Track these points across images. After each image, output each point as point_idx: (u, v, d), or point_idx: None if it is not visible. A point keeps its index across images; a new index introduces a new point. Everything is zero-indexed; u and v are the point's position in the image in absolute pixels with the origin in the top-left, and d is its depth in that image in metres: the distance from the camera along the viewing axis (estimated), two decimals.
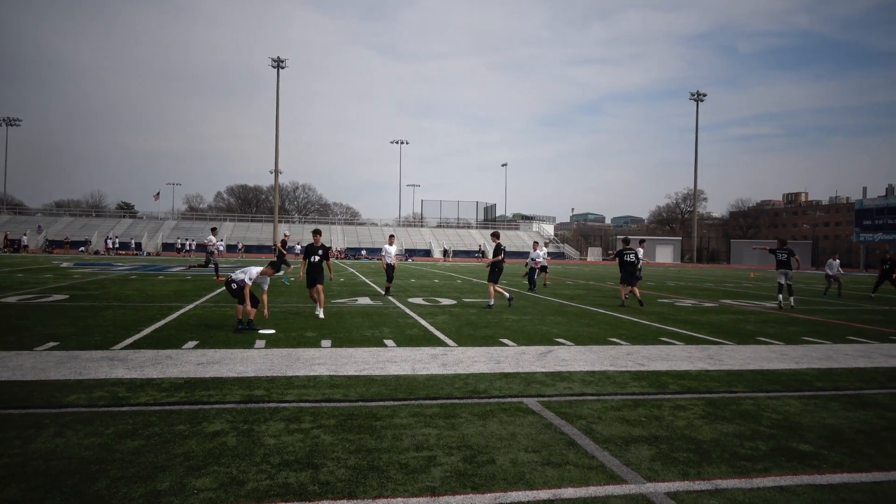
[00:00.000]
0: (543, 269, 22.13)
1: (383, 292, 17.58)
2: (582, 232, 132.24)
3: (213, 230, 24.48)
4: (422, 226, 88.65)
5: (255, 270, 10.14)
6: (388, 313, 12.85)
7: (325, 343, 8.84)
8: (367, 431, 4.81)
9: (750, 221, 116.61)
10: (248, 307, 9.79)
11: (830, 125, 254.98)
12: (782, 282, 16.61)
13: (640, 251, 18.25)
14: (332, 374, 6.82)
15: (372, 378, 6.66)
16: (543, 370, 7.29)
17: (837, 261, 22.59)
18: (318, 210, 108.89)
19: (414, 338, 9.58)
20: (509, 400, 5.87)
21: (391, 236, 18.55)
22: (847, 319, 13.91)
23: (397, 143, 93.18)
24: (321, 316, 11.57)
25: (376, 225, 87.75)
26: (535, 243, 23.29)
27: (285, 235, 23.91)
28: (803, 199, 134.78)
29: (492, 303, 14.44)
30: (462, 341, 9.31)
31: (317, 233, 12.66)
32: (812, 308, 16.62)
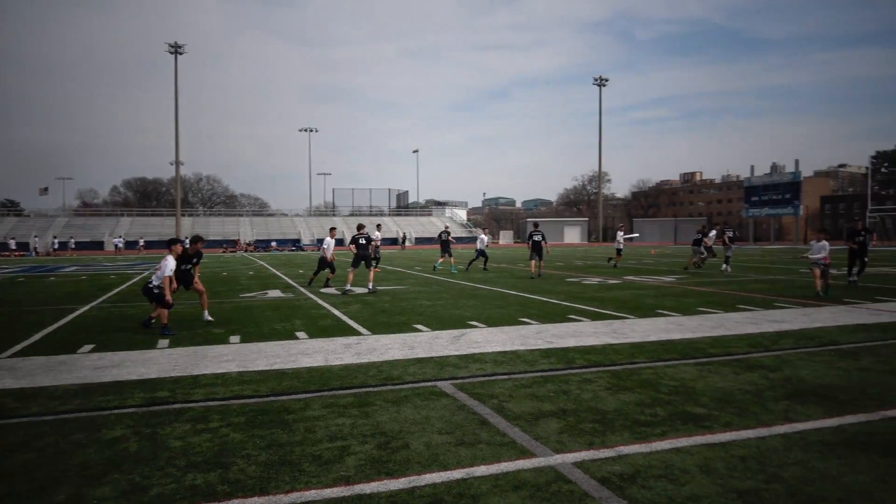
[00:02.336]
0: (482, 253, 23.38)
1: (313, 284, 17.30)
2: (494, 216, 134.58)
3: (378, 227, 27.62)
4: (333, 214, 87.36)
5: (167, 264, 9.40)
6: (299, 305, 12.63)
7: (234, 339, 8.59)
8: (279, 426, 4.73)
9: (650, 201, 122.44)
10: (165, 306, 9.12)
11: (720, 108, 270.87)
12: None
13: (621, 234, 24.75)
14: (241, 370, 6.65)
15: (283, 372, 6.55)
16: (457, 353, 7.40)
17: (713, 233, 24.13)
18: (224, 202, 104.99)
19: (327, 328, 9.48)
20: (423, 384, 5.94)
21: (332, 228, 17.97)
22: (737, 290, 14.92)
23: (306, 131, 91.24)
24: (207, 318, 10.39)
25: (286, 216, 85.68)
26: (485, 230, 25.83)
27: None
28: (698, 178, 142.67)
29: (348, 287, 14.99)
30: (376, 329, 9.30)
31: (197, 240, 10.78)
32: (707, 280, 17.71)
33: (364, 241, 15.41)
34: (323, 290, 15.66)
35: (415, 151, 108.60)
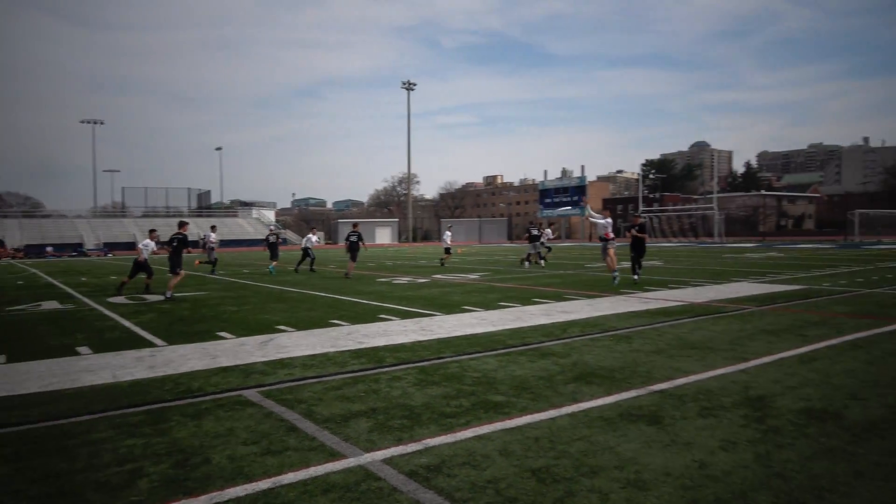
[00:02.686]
0: (308, 253, 23.30)
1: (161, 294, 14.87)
2: (304, 217, 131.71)
3: (213, 227, 26.46)
4: (124, 216, 79.52)
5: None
6: (82, 317, 11.34)
7: None
8: (57, 454, 4.21)
9: (457, 202, 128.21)
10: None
11: (517, 116, 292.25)
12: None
13: (549, 231, 26.73)
14: (6, 394, 5.81)
15: (62, 393, 5.83)
16: (264, 359, 7.14)
17: (548, 230, 27.54)
18: None
19: (115, 341, 8.62)
20: (227, 395, 5.64)
21: (152, 231, 17.12)
22: (533, 284, 16.17)
23: (89, 122, 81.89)
24: None
25: (66, 217, 76.21)
26: (313, 229, 25.02)
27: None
28: (500, 181, 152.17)
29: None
30: (173, 339, 8.65)
31: None
32: (508, 277, 18.95)
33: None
34: (111, 300, 14.21)
35: (217, 149, 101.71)
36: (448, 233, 26.26)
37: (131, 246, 65.92)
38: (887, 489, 3.41)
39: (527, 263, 23.90)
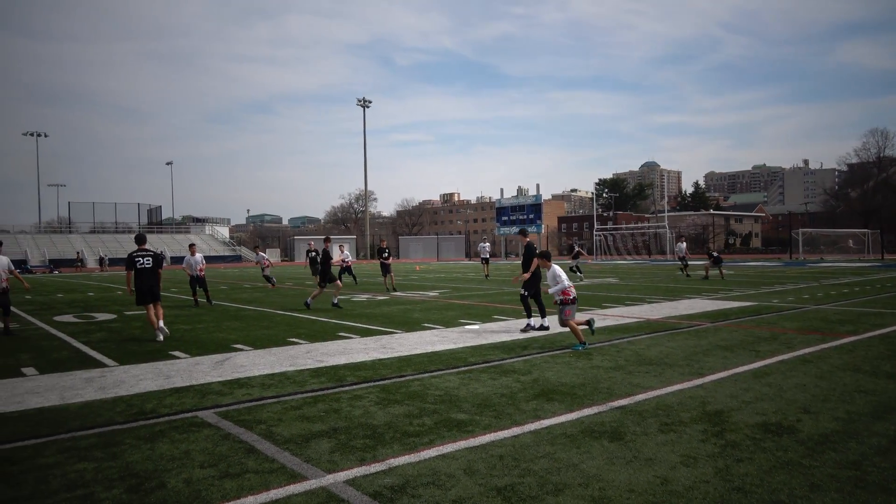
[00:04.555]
0: (348, 269, 24.48)
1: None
2: (259, 233, 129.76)
3: (256, 248, 30.77)
4: (70, 231, 76.87)
5: None
6: (26, 337, 10.86)
7: None
8: (0, 480, 4.00)
9: (415, 219, 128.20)
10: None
11: (471, 134, 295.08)
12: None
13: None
14: None
15: (4, 416, 5.55)
16: (220, 379, 6.95)
17: (684, 244, 28.91)
18: None
19: (63, 361, 8.27)
20: (182, 416, 5.46)
21: (192, 245, 18.38)
22: (493, 301, 16.22)
23: (32, 135, 79.14)
24: None
25: (8, 232, 73.23)
26: (341, 246, 25.72)
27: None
28: (456, 198, 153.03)
29: None
30: (125, 359, 8.35)
31: None
32: (466, 294, 18.97)
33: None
34: (57, 319, 13.65)
35: (168, 163, 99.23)
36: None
37: (76, 262, 63.74)
38: (842, 502, 3.50)
39: (580, 274, 25.84)
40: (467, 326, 11.18)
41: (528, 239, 11.02)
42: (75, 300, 19.45)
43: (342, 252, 25.25)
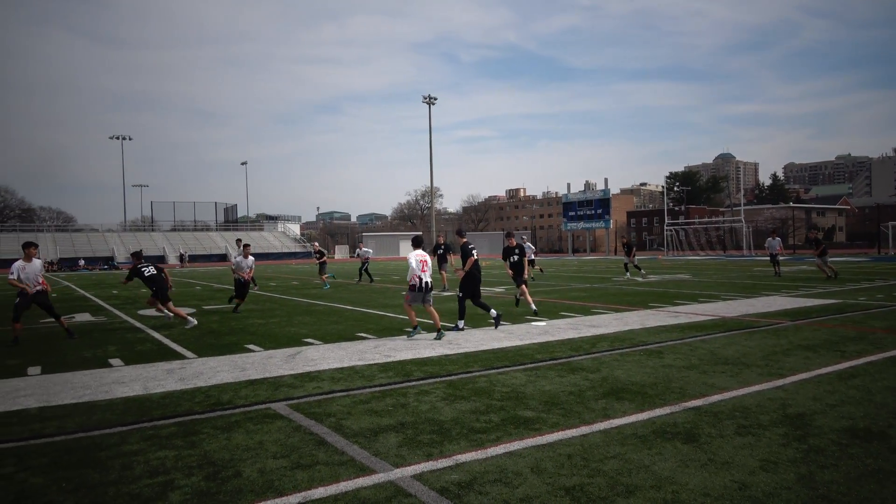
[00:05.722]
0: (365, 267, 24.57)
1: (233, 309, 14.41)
2: (329, 230, 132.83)
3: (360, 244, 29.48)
4: (153, 230, 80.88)
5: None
6: (114, 329, 11.49)
7: (33, 370, 7.59)
8: (90, 465, 4.23)
9: (480, 215, 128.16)
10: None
11: (537, 129, 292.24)
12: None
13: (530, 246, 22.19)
14: (42, 405, 5.88)
15: (94, 404, 5.88)
16: (292, 372, 7.15)
17: (777, 240, 24.36)
18: (19, 216, 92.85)
19: (146, 353, 8.70)
20: (256, 408, 5.64)
21: (246, 245, 15.17)
22: (560, 298, 16.01)
23: (118, 138, 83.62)
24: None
25: (97, 231, 77.73)
26: (360, 243, 26.65)
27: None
28: (522, 194, 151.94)
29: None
30: (203, 352, 8.71)
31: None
32: (532, 290, 18.80)
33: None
34: (141, 312, 14.38)
35: (243, 163, 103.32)
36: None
37: (161, 259, 67.02)
38: None
39: (629, 274, 24.09)
40: (534, 323, 11.08)
41: (464, 240, 11.55)
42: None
43: (361, 248, 25.40)
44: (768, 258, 25.53)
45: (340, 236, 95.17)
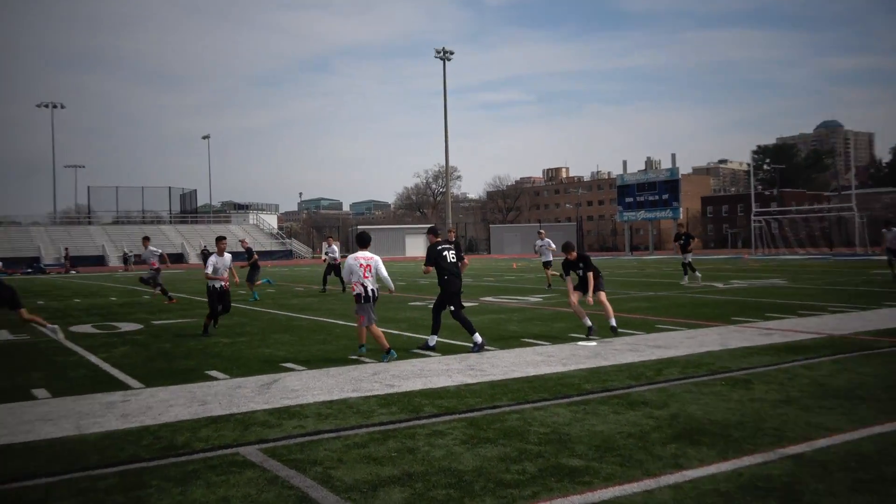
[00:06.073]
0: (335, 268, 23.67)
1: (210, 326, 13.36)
2: (314, 223, 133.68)
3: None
4: (90, 222, 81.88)
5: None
6: (39, 351, 11.61)
7: None
8: None
9: (510, 203, 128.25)
10: None
11: (582, 91, 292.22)
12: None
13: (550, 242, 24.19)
14: None
15: (9, 448, 5.92)
16: (267, 407, 7.16)
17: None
18: None
19: (79, 381, 8.78)
20: (220, 453, 5.64)
21: (221, 238, 14.29)
22: (614, 310, 15.93)
23: (46, 106, 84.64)
24: None
25: (20, 224, 78.91)
26: (329, 240, 25.91)
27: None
28: (564, 175, 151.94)
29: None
30: (152, 380, 8.76)
31: None
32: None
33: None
34: (74, 329, 14.51)
35: (205, 137, 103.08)
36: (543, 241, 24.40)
37: (100, 260, 67.80)
38: None
39: (688, 278, 23.64)
40: (581, 342, 11.02)
41: (437, 238, 11.65)
42: (95, 306, 20.64)
43: (329, 246, 25.28)
44: (885, 257, 24.46)
45: (330, 229, 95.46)
